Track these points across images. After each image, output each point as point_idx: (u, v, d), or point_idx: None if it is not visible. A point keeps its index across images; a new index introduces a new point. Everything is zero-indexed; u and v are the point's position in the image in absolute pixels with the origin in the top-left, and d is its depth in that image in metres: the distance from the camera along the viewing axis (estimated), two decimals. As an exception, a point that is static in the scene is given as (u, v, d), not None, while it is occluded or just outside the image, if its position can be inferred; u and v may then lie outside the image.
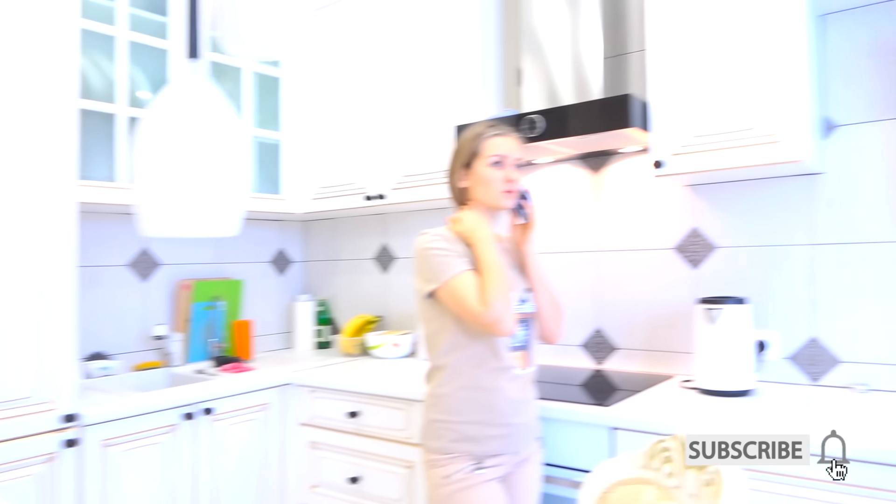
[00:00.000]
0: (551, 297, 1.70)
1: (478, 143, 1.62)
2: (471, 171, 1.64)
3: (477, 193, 1.64)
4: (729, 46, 1.75)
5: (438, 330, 1.61)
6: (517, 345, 1.62)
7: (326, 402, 2.33)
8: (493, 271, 1.53)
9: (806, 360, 1.92)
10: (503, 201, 1.62)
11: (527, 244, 1.69)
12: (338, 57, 2.70)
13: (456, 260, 1.55)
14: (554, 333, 1.71)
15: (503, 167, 1.61)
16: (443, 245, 1.57)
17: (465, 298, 1.50)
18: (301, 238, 3.28)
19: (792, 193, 1.94)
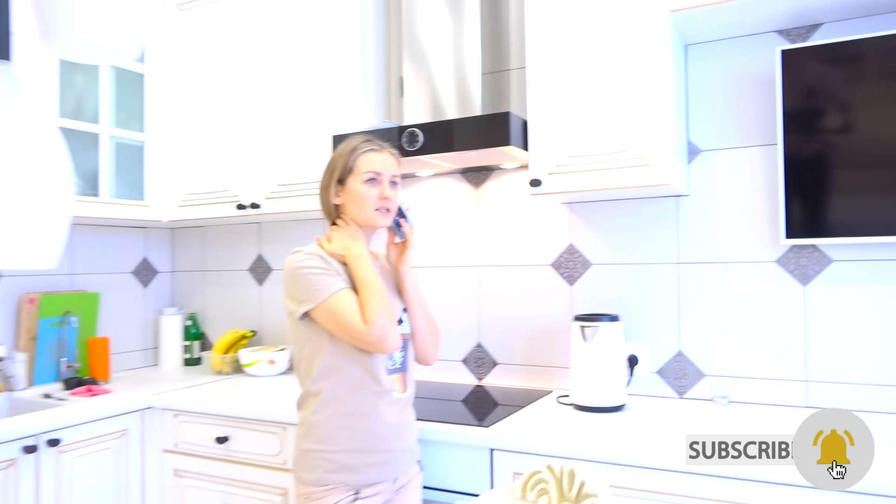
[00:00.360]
0: (427, 317, 1.66)
1: (352, 158, 1.55)
2: (344, 188, 1.56)
3: (351, 211, 1.57)
4: (603, 71, 1.79)
5: (313, 353, 1.52)
6: (395, 367, 1.56)
7: (193, 426, 2.16)
8: (372, 287, 1.47)
9: (673, 373, 2.00)
10: (378, 220, 1.56)
11: (403, 264, 1.64)
12: (209, 55, 2.53)
13: (332, 278, 1.47)
14: (430, 355, 1.67)
15: (378, 185, 1.55)
16: (316, 263, 1.48)
17: (346, 317, 1.43)
18: (168, 246, 3.05)
19: (661, 214, 2.02)
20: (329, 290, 1.45)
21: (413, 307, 1.63)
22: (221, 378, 2.55)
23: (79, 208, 2.31)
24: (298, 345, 1.55)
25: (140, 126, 2.58)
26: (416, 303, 1.63)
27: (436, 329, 1.69)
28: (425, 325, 1.64)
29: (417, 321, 1.63)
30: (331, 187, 1.58)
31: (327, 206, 1.61)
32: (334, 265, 1.51)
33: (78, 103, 2.40)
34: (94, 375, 2.49)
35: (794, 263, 1.86)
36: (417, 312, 1.63)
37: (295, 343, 1.56)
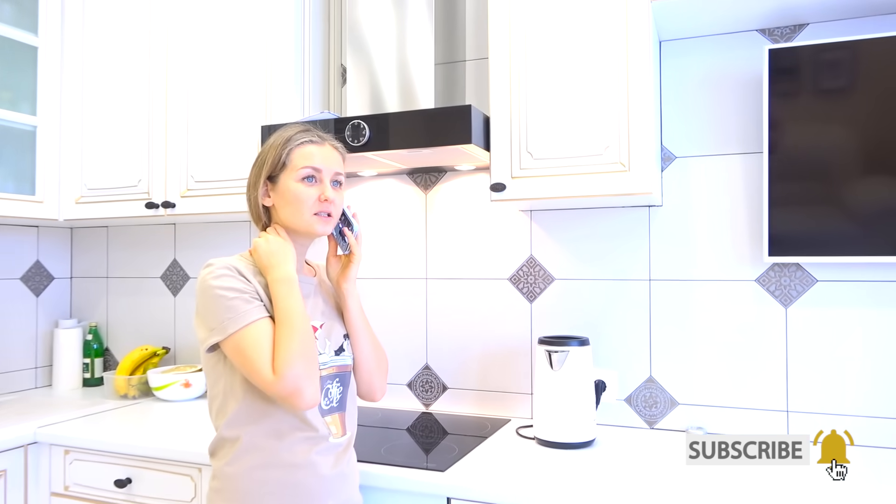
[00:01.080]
0: (374, 345, 1.40)
1: (286, 150, 1.27)
2: (276, 186, 1.29)
3: (283, 215, 1.29)
4: (576, 63, 1.58)
5: (227, 392, 1.24)
6: (331, 406, 1.30)
7: (87, 465, 1.82)
8: (291, 325, 1.18)
9: (643, 401, 1.82)
10: (316, 227, 1.28)
11: (346, 280, 1.37)
12: (119, 29, 2.17)
13: (248, 305, 1.18)
14: (377, 389, 1.41)
15: (318, 184, 1.28)
16: (231, 283, 1.19)
17: (253, 360, 1.15)
18: (66, 249, 2.65)
19: (631, 225, 1.84)
20: (241, 320, 1.17)
21: (357, 333, 1.37)
22: (126, 404, 2.20)
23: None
24: (211, 379, 1.27)
25: (31, 108, 2.19)
26: (361, 328, 1.37)
27: (384, 358, 1.43)
28: (371, 353, 1.39)
29: (362, 350, 1.37)
30: (259, 185, 1.30)
31: (255, 208, 1.32)
32: (256, 284, 1.23)
33: (-50, 78, 2.01)
34: (-32, 402, 2.09)
35: (775, 283, 1.70)
36: (362, 339, 1.37)
37: (207, 376, 1.27)
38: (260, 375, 1.14)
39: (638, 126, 1.53)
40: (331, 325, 1.34)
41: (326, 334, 1.32)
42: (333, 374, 1.31)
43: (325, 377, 1.28)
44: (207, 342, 1.19)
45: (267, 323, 1.19)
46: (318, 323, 1.31)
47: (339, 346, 1.34)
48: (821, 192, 1.58)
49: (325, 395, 1.28)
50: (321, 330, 1.31)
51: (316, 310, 1.33)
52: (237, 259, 1.27)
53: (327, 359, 1.29)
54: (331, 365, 1.30)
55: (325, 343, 1.31)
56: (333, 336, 1.33)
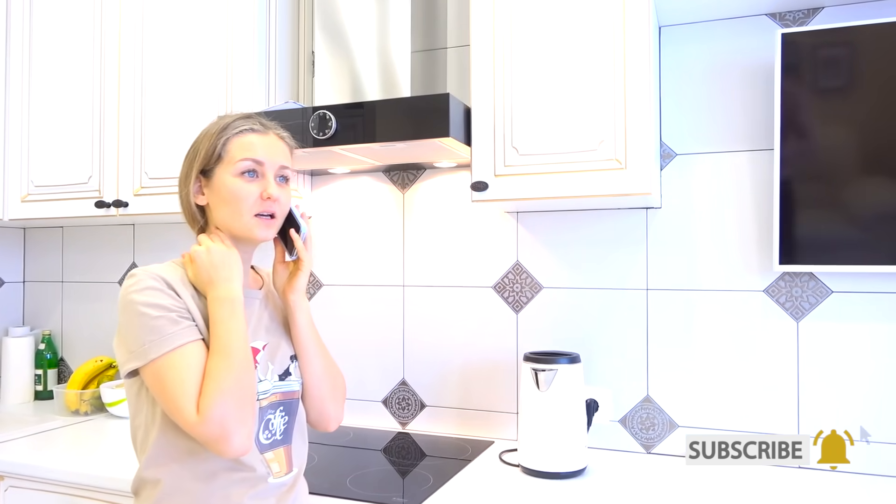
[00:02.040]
0: (326, 366, 1.21)
1: (221, 140, 1.09)
2: (210, 182, 1.10)
3: (218, 215, 1.10)
4: (567, 48, 1.41)
5: (148, 426, 1.05)
6: (272, 440, 1.11)
7: (25, 494, 1.63)
8: (229, 354, 0.99)
9: (639, 423, 1.65)
10: (256, 231, 1.09)
11: (293, 291, 1.17)
12: (66, 11, 1.98)
13: (175, 326, 1.00)
14: (331, 417, 1.22)
15: (259, 179, 1.09)
16: (158, 299, 1.01)
17: (175, 393, 0.96)
18: (19, 250, 2.46)
19: (627, 229, 1.67)
20: (165, 344, 0.98)
21: (306, 352, 1.18)
22: (76, 421, 2.01)
23: None
24: (133, 408, 1.08)
25: (-29, 97, 2.00)
26: (311, 346, 1.18)
27: (339, 381, 1.24)
28: (323, 376, 1.20)
29: (312, 372, 1.18)
30: (191, 180, 1.11)
31: (188, 208, 1.14)
32: (186, 297, 1.05)
33: None
34: None
35: (785, 294, 1.54)
36: (312, 360, 1.18)
37: (129, 404, 1.09)
38: (181, 413, 0.96)
39: (636, 119, 1.36)
40: (276, 346, 1.16)
41: (269, 356, 1.14)
42: (277, 402, 1.13)
43: (265, 407, 1.10)
44: (126, 367, 1.01)
45: (197, 348, 1.00)
46: (261, 343, 1.13)
47: (285, 370, 1.16)
48: (838, 193, 1.42)
49: (265, 428, 1.10)
50: (263, 352, 1.13)
51: (259, 327, 1.15)
52: (168, 267, 1.08)
53: (269, 386, 1.11)
54: (273, 392, 1.12)
55: (268, 367, 1.13)
56: (278, 358, 1.15)
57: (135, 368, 1.00)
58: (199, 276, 1.06)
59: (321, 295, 1.99)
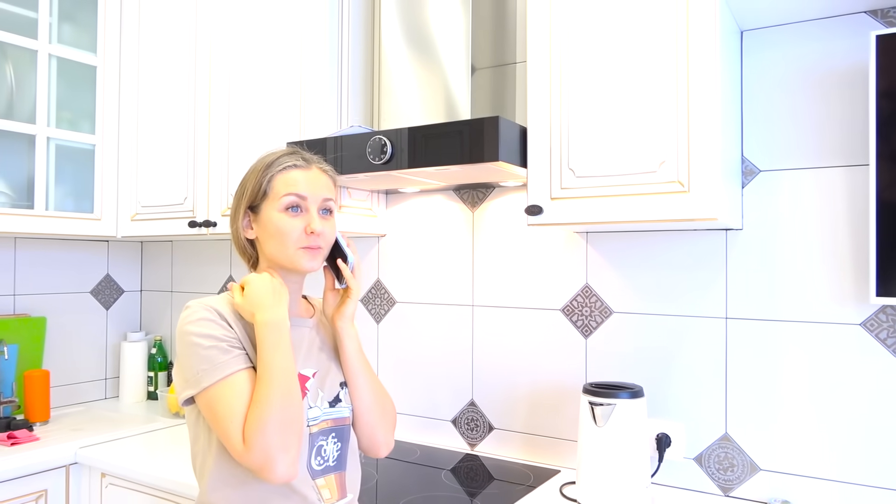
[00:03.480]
0: (376, 393, 1.22)
1: (266, 177, 1.13)
2: (258, 217, 1.15)
3: (267, 249, 1.15)
4: (627, 62, 1.33)
5: (205, 453, 1.11)
6: (325, 466, 1.14)
7: (120, 492, 1.79)
8: (272, 381, 1.02)
9: (716, 463, 1.52)
10: (302, 263, 1.13)
11: (341, 318, 1.20)
12: (168, 45, 2.15)
13: (226, 355, 1.04)
14: (380, 444, 1.23)
15: (303, 213, 1.13)
16: (210, 330, 1.06)
17: (226, 422, 1.01)
18: (136, 262, 2.69)
19: (705, 251, 1.55)
20: (216, 373, 1.03)
21: (355, 379, 1.20)
22: (176, 423, 2.17)
23: (10, 223, 1.97)
24: (192, 435, 1.14)
25: (90, 127, 2.22)
26: (359, 373, 1.20)
27: (389, 408, 1.25)
28: (373, 403, 1.21)
29: (361, 399, 1.20)
30: (240, 216, 1.16)
31: (239, 242, 1.20)
32: (238, 328, 1.09)
33: (9, 99, 2.05)
34: (30, 416, 2.14)
35: (885, 328, 1.36)
36: (361, 387, 1.20)
37: (189, 431, 1.15)
38: (229, 441, 1.00)
39: (700, 137, 1.25)
40: (326, 372, 1.18)
41: (319, 384, 1.16)
42: (328, 428, 1.15)
43: (316, 433, 1.13)
44: (182, 395, 1.07)
45: (246, 377, 1.04)
46: (311, 371, 1.16)
47: (335, 397, 1.18)
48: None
49: (317, 454, 1.12)
50: (313, 379, 1.16)
51: (310, 354, 1.18)
52: (221, 299, 1.13)
53: (319, 413, 1.14)
54: (324, 419, 1.14)
55: (318, 394, 1.15)
56: (328, 385, 1.17)
57: (190, 396, 1.05)
58: (246, 301, 1.09)
59: (394, 312, 2.01)
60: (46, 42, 2.09)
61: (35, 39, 2.06)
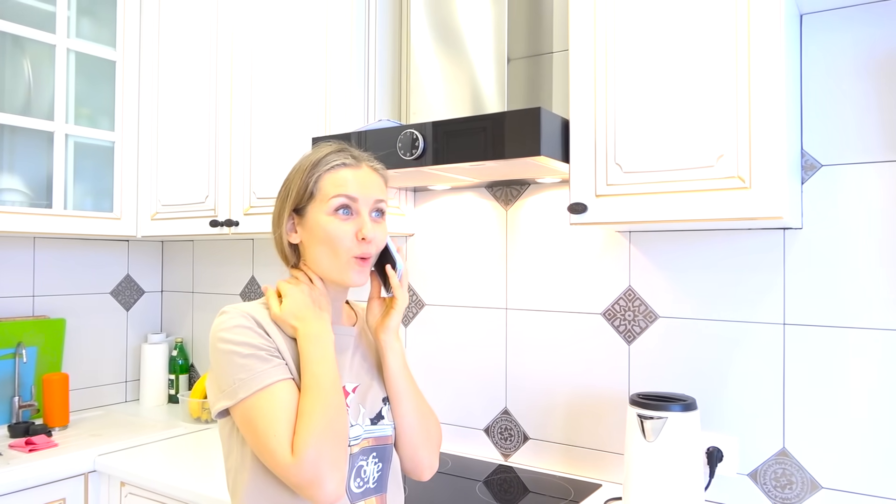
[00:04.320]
0: (421, 410, 1.12)
1: (313, 176, 1.04)
2: (304, 220, 1.05)
3: (313, 256, 1.05)
4: (679, 46, 1.23)
5: (238, 469, 1.02)
6: (365, 487, 1.05)
7: (139, 502, 1.72)
8: (320, 393, 0.94)
9: (773, 479, 1.41)
10: (351, 275, 1.03)
11: (385, 331, 1.10)
12: (189, 38, 2.08)
13: (265, 364, 0.96)
14: (424, 465, 1.13)
15: (354, 216, 1.03)
16: (248, 338, 0.97)
17: (267, 435, 0.92)
18: (157, 262, 2.63)
19: (759, 252, 1.44)
20: (255, 383, 0.94)
21: (398, 396, 1.10)
22: (197, 429, 2.10)
23: (27, 222, 1.92)
24: (225, 448, 1.06)
25: (109, 123, 2.16)
26: (403, 390, 1.10)
27: (434, 428, 1.15)
28: (416, 422, 1.11)
29: (404, 417, 1.10)
30: (284, 219, 1.07)
31: (282, 248, 1.10)
32: (277, 338, 1.01)
33: (27, 95, 1.99)
34: (48, 420, 2.09)
35: (966, 336, 1.24)
36: (405, 404, 1.10)
37: (222, 444, 1.07)
38: (272, 455, 0.91)
39: (764, 128, 1.15)
40: (367, 387, 1.09)
41: (360, 399, 1.07)
42: (369, 447, 1.06)
43: (357, 453, 1.04)
44: (216, 407, 0.99)
45: (288, 387, 0.96)
46: (352, 385, 1.07)
47: (377, 413, 1.09)
48: None
49: (356, 475, 1.03)
50: (354, 394, 1.06)
51: (351, 368, 1.09)
52: (257, 306, 1.05)
53: (360, 431, 1.05)
54: (365, 437, 1.05)
55: (359, 410, 1.06)
56: (369, 401, 1.08)
57: (225, 408, 0.97)
58: (286, 313, 1.01)
59: (423, 315, 1.92)
60: (65, 36, 2.03)
61: (53, 34, 2.00)
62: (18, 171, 1.98)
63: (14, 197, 1.97)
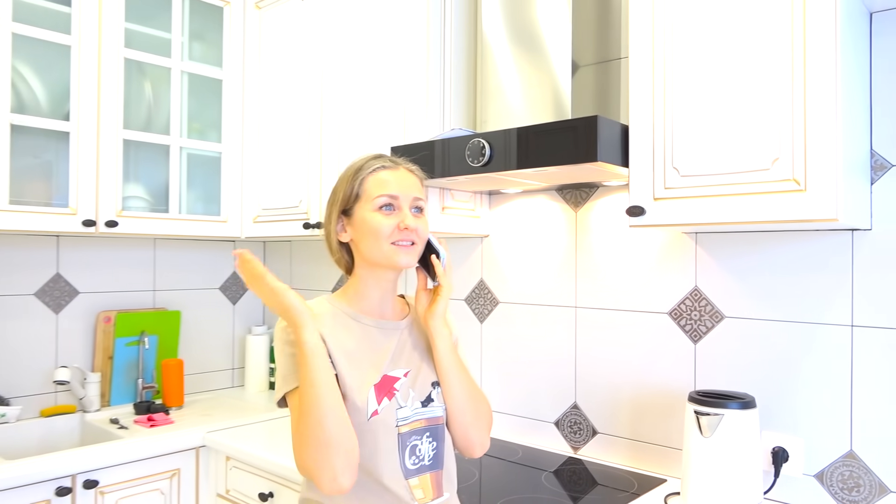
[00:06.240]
0: (470, 392, 1.23)
1: (357, 181, 1.18)
2: (352, 220, 1.19)
3: (363, 248, 1.18)
4: (735, 51, 1.25)
5: None
6: (420, 465, 1.17)
7: (241, 474, 1.93)
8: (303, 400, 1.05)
9: (840, 481, 1.41)
10: (398, 258, 1.16)
11: (433, 317, 1.21)
12: (284, 59, 2.28)
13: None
14: (475, 443, 1.24)
15: (396, 211, 1.17)
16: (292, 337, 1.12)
17: (294, 429, 1.08)
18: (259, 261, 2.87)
19: (827, 254, 1.43)
20: (290, 381, 1.10)
21: (447, 379, 1.21)
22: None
23: (149, 226, 2.18)
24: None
25: (217, 136, 2.40)
26: (452, 373, 1.21)
27: (484, 408, 1.25)
28: (466, 403, 1.22)
29: (454, 398, 1.21)
30: (334, 220, 1.22)
31: (333, 247, 1.25)
32: (328, 335, 1.13)
33: (148, 114, 2.26)
34: (167, 401, 2.35)
35: None
36: (454, 386, 1.21)
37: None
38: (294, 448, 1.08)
39: (819, 132, 1.16)
40: (417, 372, 1.21)
41: (411, 383, 1.19)
42: (422, 428, 1.18)
43: (408, 433, 1.16)
44: (275, 398, 1.15)
45: None
46: (402, 371, 1.19)
47: (427, 396, 1.20)
48: None
49: (411, 453, 1.15)
50: (404, 379, 1.19)
51: (401, 356, 1.21)
52: (320, 302, 1.21)
53: (409, 412, 1.17)
54: (416, 418, 1.17)
55: (409, 394, 1.18)
56: (419, 384, 1.20)
57: (281, 398, 1.13)
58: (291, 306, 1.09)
59: (497, 312, 2.02)
60: (179, 59, 2.28)
61: (169, 58, 2.26)
62: (141, 181, 2.25)
63: (137, 203, 2.23)
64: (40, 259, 2.22)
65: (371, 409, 1.12)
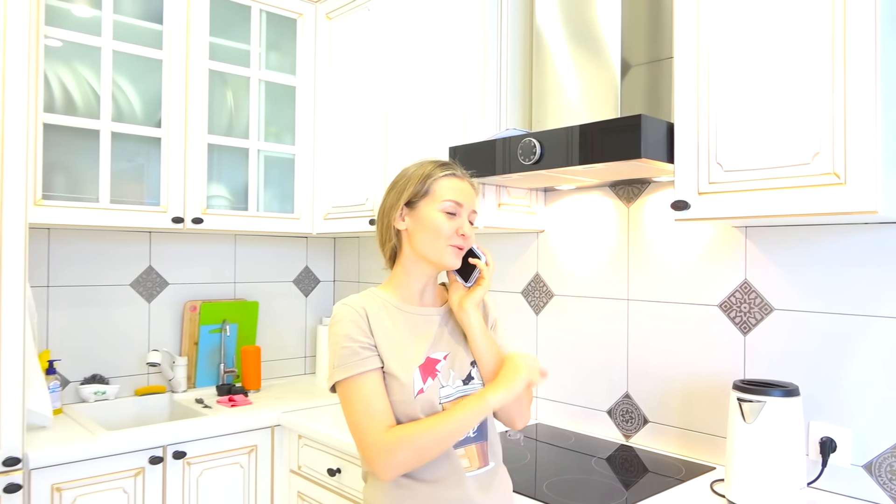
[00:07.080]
0: None
1: (429, 182, 1.29)
2: (414, 212, 1.30)
3: (417, 241, 1.29)
4: (776, 49, 1.29)
5: None
6: (467, 437, 1.27)
7: (311, 451, 2.08)
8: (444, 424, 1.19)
9: (889, 473, 1.42)
10: (449, 258, 1.28)
11: (468, 301, 1.31)
12: (352, 65, 2.43)
13: (355, 357, 1.21)
14: (516, 416, 1.35)
15: (456, 217, 1.28)
16: (348, 330, 1.23)
17: (352, 418, 1.20)
18: (330, 256, 3.05)
19: (877, 246, 1.44)
20: (345, 371, 1.21)
21: (482, 357, 1.31)
22: (359, 398, 2.45)
23: (230, 222, 2.37)
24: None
25: (291, 139, 2.58)
26: (486, 351, 1.30)
27: None
28: None
29: (489, 374, 1.31)
30: (396, 208, 1.32)
31: (386, 231, 1.35)
32: (378, 330, 1.25)
33: (229, 120, 2.46)
34: (246, 384, 2.55)
35: None
36: (488, 364, 1.31)
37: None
38: (359, 438, 1.19)
39: (858, 127, 1.19)
40: (455, 354, 1.31)
41: (451, 364, 1.30)
42: None
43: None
44: (328, 383, 1.27)
45: (371, 378, 1.21)
46: (442, 354, 1.30)
47: (467, 375, 1.31)
48: None
49: None
50: (444, 361, 1.29)
51: (441, 340, 1.32)
52: (367, 296, 1.30)
53: (451, 391, 1.27)
54: (458, 395, 1.27)
55: (449, 374, 1.29)
56: (458, 364, 1.30)
57: (332, 385, 1.25)
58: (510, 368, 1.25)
59: (552, 304, 2.10)
60: (257, 69, 2.47)
61: (248, 67, 2.45)
62: (223, 181, 2.45)
63: (221, 202, 2.43)
64: (135, 253, 2.46)
65: (417, 387, 1.23)
